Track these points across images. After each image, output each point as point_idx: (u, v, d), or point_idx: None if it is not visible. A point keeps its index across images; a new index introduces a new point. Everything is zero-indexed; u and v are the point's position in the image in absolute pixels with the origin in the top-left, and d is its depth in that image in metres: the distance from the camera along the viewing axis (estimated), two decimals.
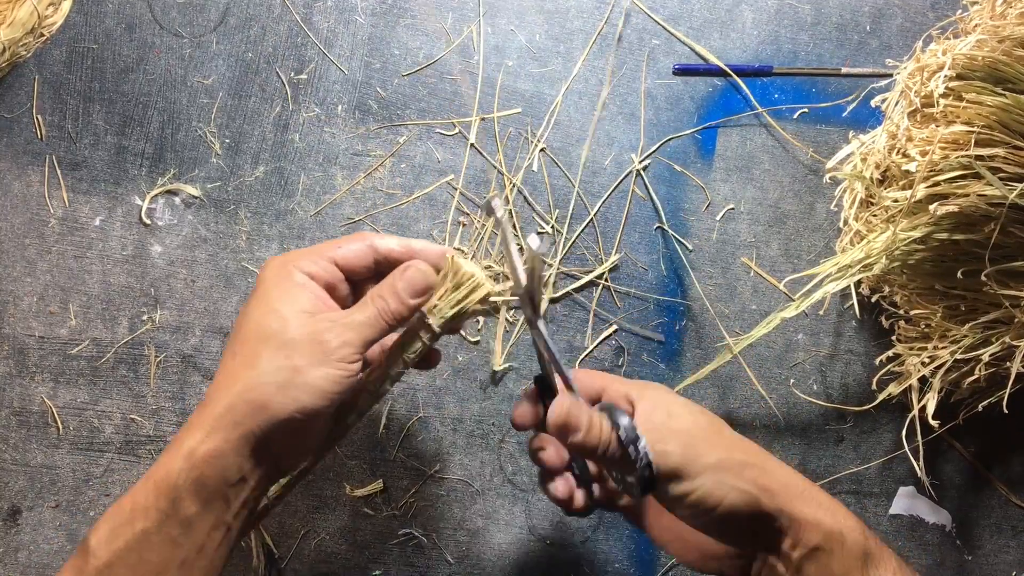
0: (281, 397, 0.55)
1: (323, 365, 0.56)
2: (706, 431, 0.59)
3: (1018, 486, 0.83)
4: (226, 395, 0.56)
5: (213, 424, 0.55)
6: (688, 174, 0.82)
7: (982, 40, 0.69)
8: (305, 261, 0.60)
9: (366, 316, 0.59)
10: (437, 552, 0.79)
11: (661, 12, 0.82)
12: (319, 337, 0.57)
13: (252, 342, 0.57)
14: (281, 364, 0.56)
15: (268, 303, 0.58)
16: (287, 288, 0.59)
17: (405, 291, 0.60)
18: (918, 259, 0.71)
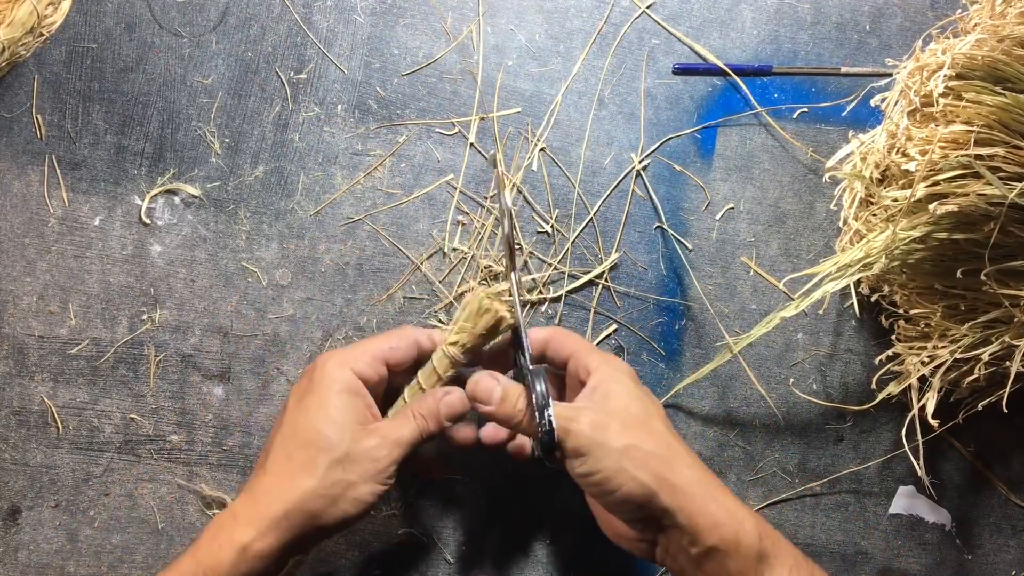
0: (332, 509, 0.61)
1: (371, 481, 0.61)
2: (630, 417, 0.62)
3: (1018, 485, 0.83)
4: (284, 498, 0.60)
5: (269, 525, 0.60)
6: (688, 174, 0.82)
7: (982, 39, 0.69)
8: (362, 364, 0.64)
9: (410, 434, 0.63)
10: (437, 552, 0.79)
11: (661, 11, 0.82)
12: (372, 454, 0.61)
13: (312, 449, 0.61)
14: (338, 478, 0.61)
15: (327, 410, 0.62)
16: (347, 397, 0.63)
17: (446, 415, 0.65)
18: (918, 258, 0.71)
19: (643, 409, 0.64)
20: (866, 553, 0.82)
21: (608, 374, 0.65)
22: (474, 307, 0.64)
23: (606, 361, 0.66)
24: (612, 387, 0.64)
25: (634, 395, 0.64)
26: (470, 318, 0.65)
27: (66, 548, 0.76)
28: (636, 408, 0.63)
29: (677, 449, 0.62)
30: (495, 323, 0.64)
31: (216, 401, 0.77)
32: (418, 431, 0.64)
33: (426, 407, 0.65)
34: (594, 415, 0.62)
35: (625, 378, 0.65)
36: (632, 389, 0.64)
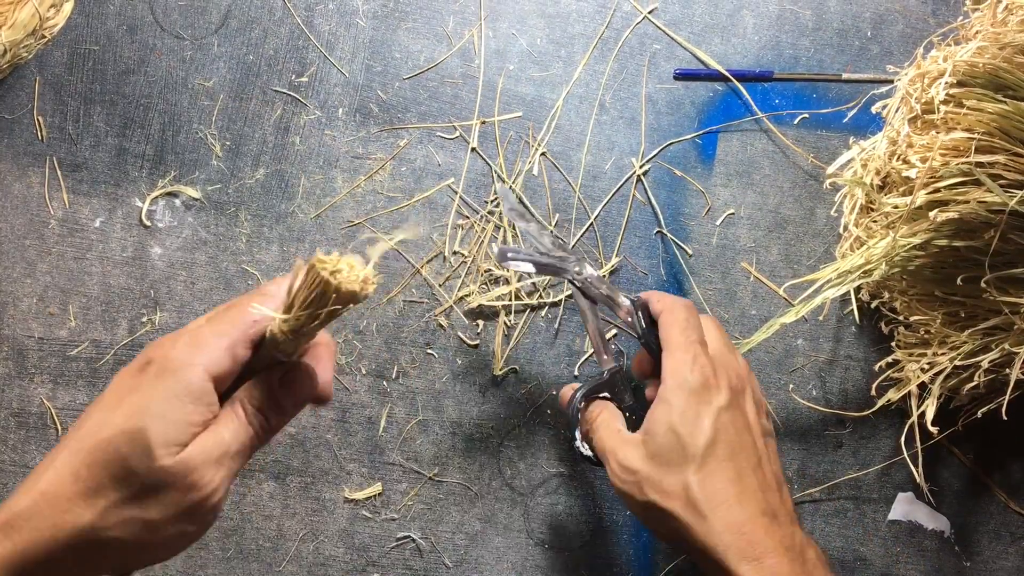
0: (121, 558, 0.45)
1: (184, 522, 0.45)
2: (662, 460, 0.57)
3: (1017, 492, 0.83)
4: (51, 533, 0.44)
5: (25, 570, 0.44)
6: (688, 179, 0.82)
7: (983, 47, 0.69)
8: (218, 355, 0.46)
9: (240, 441, 0.47)
10: (435, 556, 0.79)
11: (662, 17, 0.82)
12: (186, 482, 0.44)
13: (103, 474, 0.44)
14: (131, 516, 0.44)
15: (146, 421, 0.44)
16: (181, 406, 0.45)
17: (292, 406, 0.49)
18: (918, 265, 0.71)
19: (676, 450, 0.56)
20: (865, 559, 0.82)
21: (663, 394, 0.59)
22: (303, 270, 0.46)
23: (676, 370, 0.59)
24: (659, 414, 0.58)
25: (672, 429, 0.57)
26: (300, 288, 0.46)
27: None
28: (668, 448, 0.57)
29: (693, 503, 0.56)
30: (334, 299, 0.44)
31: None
32: (250, 433, 0.47)
33: (259, 398, 0.48)
34: (625, 455, 0.59)
35: (675, 404, 0.58)
36: (673, 420, 0.57)
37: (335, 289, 0.44)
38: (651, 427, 0.58)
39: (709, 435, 0.57)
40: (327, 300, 0.44)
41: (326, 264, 0.44)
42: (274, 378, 0.48)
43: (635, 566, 0.81)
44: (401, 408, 0.79)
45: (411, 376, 0.79)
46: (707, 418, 0.57)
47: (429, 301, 0.79)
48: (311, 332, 0.47)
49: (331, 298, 0.44)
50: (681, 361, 0.59)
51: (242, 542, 0.77)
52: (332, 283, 0.44)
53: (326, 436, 0.78)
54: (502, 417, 0.80)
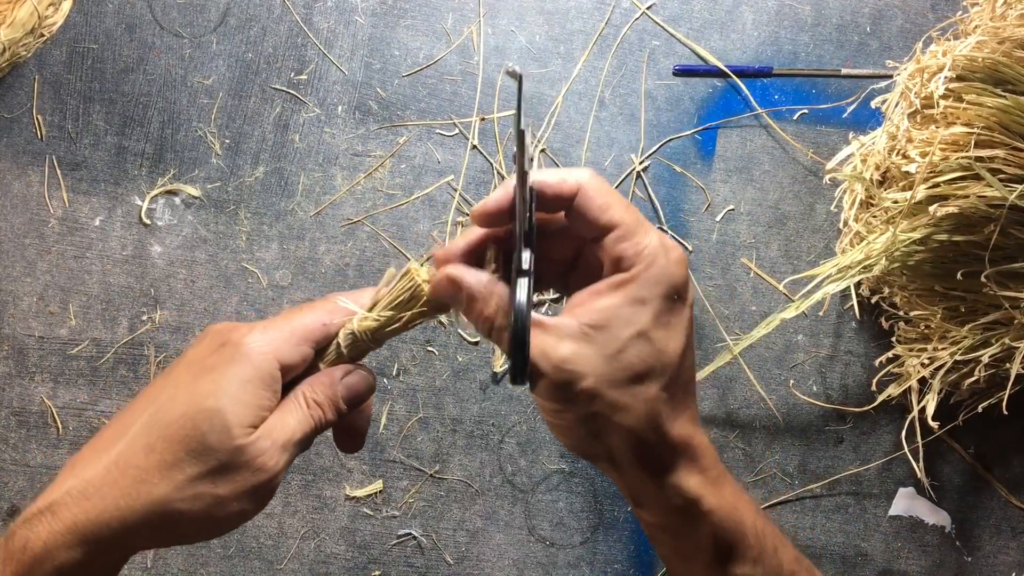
0: (186, 531, 0.47)
1: (247, 500, 0.47)
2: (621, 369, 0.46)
3: (1018, 487, 0.83)
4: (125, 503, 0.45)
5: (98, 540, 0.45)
6: (688, 175, 0.82)
7: (982, 41, 0.69)
8: (289, 347, 0.49)
9: (303, 429, 0.49)
10: (436, 553, 0.79)
11: (661, 13, 0.82)
12: (256, 464, 0.46)
13: (182, 449, 0.46)
14: (204, 491, 0.46)
15: (224, 402, 0.46)
16: (255, 390, 0.47)
17: (346, 401, 0.51)
18: (918, 260, 0.71)
19: (643, 360, 0.46)
20: (866, 555, 0.82)
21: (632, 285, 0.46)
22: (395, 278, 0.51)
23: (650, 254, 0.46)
24: (623, 310, 0.46)
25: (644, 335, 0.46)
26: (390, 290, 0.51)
27: None
28: (635, 356, 0.46)
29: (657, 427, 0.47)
30: (421, 303, 0.50)
31: None
32: (311, 423, 0.49)
33: (322, 391, 0.50)
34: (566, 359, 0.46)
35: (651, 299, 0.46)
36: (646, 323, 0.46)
37: (425, 295, 0.49)
38: (609, 322, 0.46)
39: (681, 344, 0.47)
40: (414, 304, 0.50)
41: (418, 273, 0.49)
42: (336, 375, 0.51)
43: (636, 562, 0.81)
44: (402, 405, 0.79)
45: (412, 373, 0.79)
46: (681, 324, 0.47)
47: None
48: (385, 336, 0.51)
49: (418, 302, 0.50)
50: (655, 252, 0.46)
51: (243, 540, 0.77)
52: (424, 288, 0.49)
53: (327, 434, 0.78)
54: (503, 414, 0.80)
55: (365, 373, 0.52)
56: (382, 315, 0.51)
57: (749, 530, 0.50)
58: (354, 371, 0.51)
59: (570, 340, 0.46)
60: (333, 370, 0.51)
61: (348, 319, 0.51)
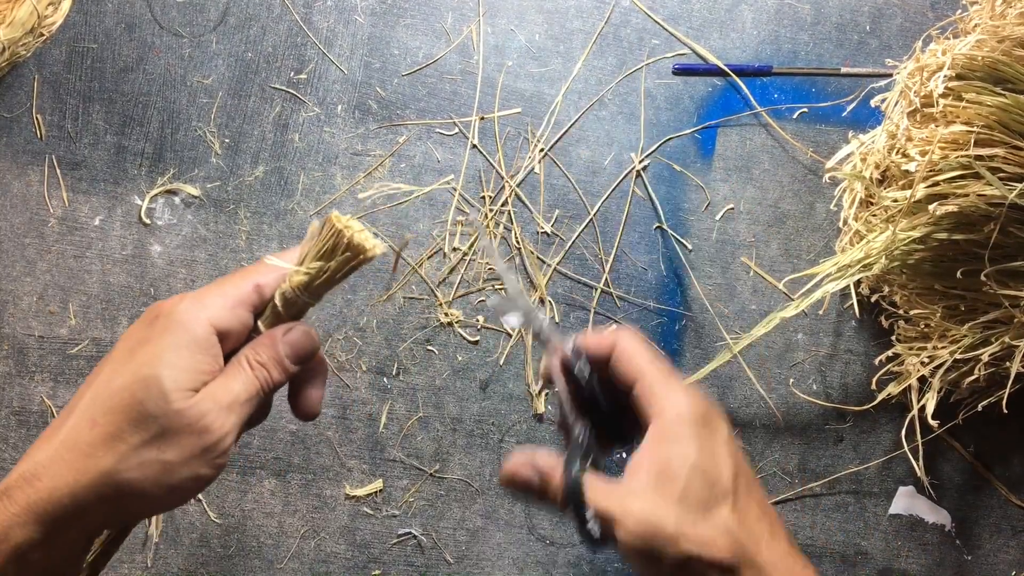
0: (140, 501, 0.47)
1: (197, 463, 0.48)
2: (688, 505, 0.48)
3: (1017, 486, 0.83)
4: (74, 477, 0.46)
5: (53, 518, 0.46)
6: (688, 174, 0.82)
7: (982, 40, 0.69)
8: (224, 312, 0.49)
9: (248, 391, 0.49)
10: (436, 552, 0.79)
11: (661, 12, 0.82)
12: (198, 425, 0.47)
13: (121, 418, 0.46)
14: (150, 458, 0.46)
15: (158, 369, 0.47)
16: (190, 355, 0.48)
17: (291, 358, 0.51)
18: (918, 259, 0.71)
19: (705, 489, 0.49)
20: (866, 553, 0.82)
21: (667, 430, 0.50)
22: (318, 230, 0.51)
23: (668, 396, 0.50)
24: (672, 453, 0.49)
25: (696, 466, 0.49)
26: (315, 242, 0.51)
27: None
28: (698, 487, 0.48)
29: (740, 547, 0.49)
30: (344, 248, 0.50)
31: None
32: (256, 384, 0.50)
33: (264, 351, 0.50)
34: (642, 507, 0.48)
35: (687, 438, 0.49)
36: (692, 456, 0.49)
37: (347, 240, 0.49)
38: (665, 468, 0.49)
39: (731, 467, 0.50)
40: (338, 251, 0.50)
41: (340, 219, 0.49)
42: (277, 334, 0.51)
43: None
44: (401, 405, 0.79)
45: (411, 373, 0.79)
46: (722, 449, 0.50)
47: (429, 298, 0.79)
48: (319, 290, 0.51)
49: (342, 248, 0.49)
50: (673, 392, 0.51)
51: (243, 539, 0.77)
52: (345, 234, 0.49)
53: (327, 433, 0.78)
54: (503, 413, 0.80)
55: (305, 328, 0.52)
56: (311, 267, 0.50)
57: None
58: (294, 328, 0.51)
59: (642, 495, 0.48)
60: (274, 330, 0.51)
61: (282, 280, 0.51)
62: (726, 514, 0.49)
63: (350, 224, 0.49)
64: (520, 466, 0.51)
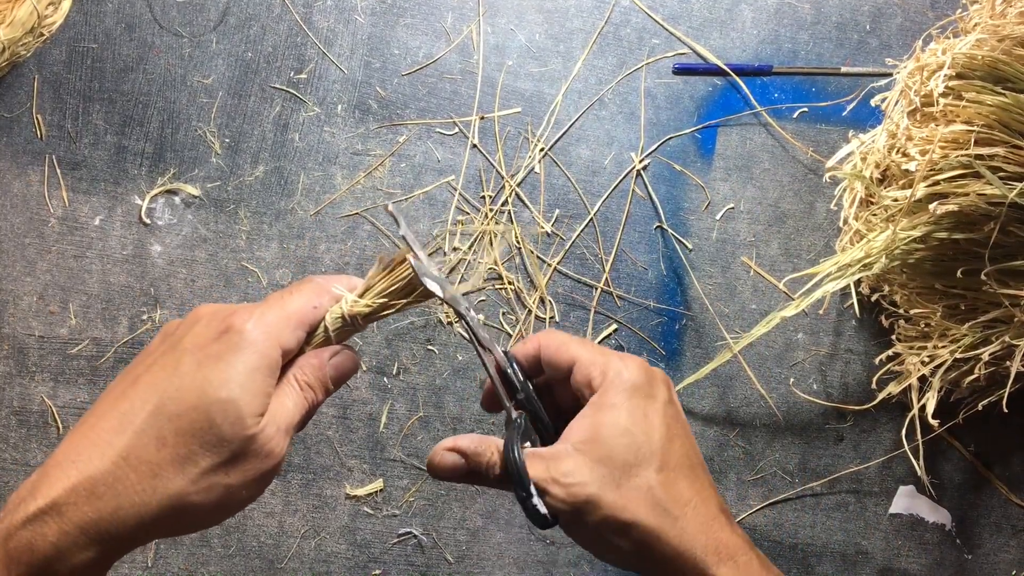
0: (202, 517, 0.47)
1: (256, 486, 0.48)
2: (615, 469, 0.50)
3: (1018, 485, 0.83)
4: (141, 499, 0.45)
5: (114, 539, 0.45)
6: (688, 173, 0.82)
7: (982, 39, 0.69)
8: (287, 333, 0.49)
9: (300, 411, 0.49)
10: (437, 551, 0.79)
11: (661, 11, 0.82)
12: (264, 450, 0.47)
13: (196, 442, 0.45)
14: (216, 482, 0.46)
15: (235, 392, 0.46)
16: (262, 379, 0.47)
17: (334, 380, 0.51)
18: (918, 258, 0.71)
19: (633, 449, 0.50)
20: (866, 553, 0.82)
21: (603, 399, 0.51)
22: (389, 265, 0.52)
23: (606, 369, 0.52)
24: (603, 419, 0.51)
25: (625, 430, 0.50)
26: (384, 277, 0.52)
27: None
28: (623, 449, 0.50)
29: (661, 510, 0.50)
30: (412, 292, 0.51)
31: None
32: (306, 404, 0.50)
33: (312, 372, 0.50)
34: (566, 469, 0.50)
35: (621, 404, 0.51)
36: (623, 421, 0.51)
37: (417, 285, 0.50)
38: (594, 433, 0.51)
39: (662, 431, 0.51)
40: (408, 293, 0.51)
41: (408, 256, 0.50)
42: (324, 356, 0.51)
43: None
44: (402, 404, 0.79)
45: (412, 372, 0.79)
46: (656, 415, 0.52)
47: None
48: (373, 320, 0.52)
49: (411, 291, 0.51)
50: (610, 363, 0.52)
51: (244, 539, 0.77)
52: (418, 279, 0.50)
53: (327, 433, 0.78)
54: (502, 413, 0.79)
55: (351, 353, 0.52)
56: (374, 302, 0.51)
57: None
58: (341, 351, 0.52)
59: (566, 459, 0.50)
60: (321, 351, 0.51)
61: (334, 301, 0.52)
62: (650, 476, 0.50)
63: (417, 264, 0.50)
64: (442, 454, 0.53)
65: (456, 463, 0.53)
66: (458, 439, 0.53)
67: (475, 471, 0.53)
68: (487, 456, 0.52)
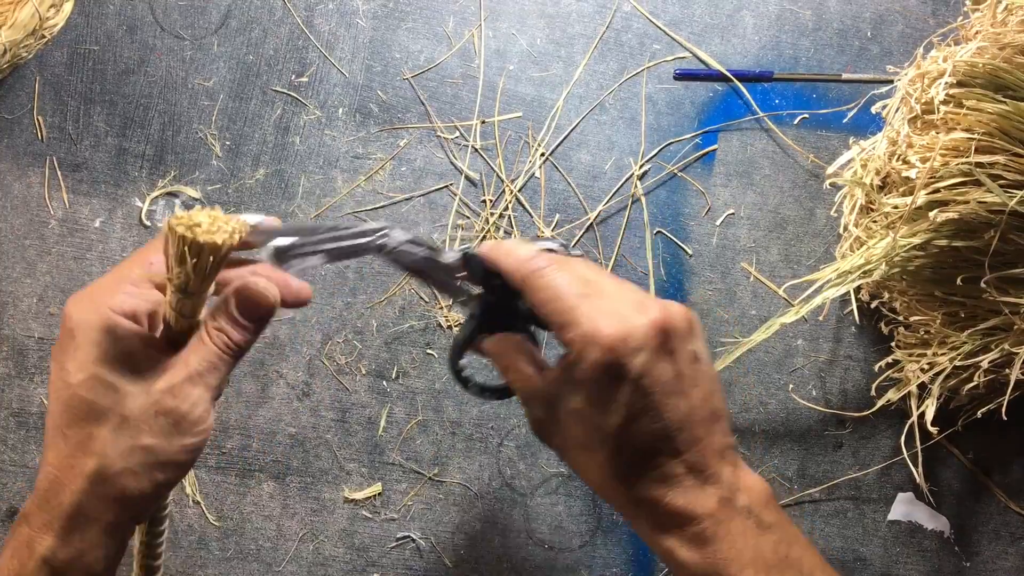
0: (137, 483, 0.49)
1: (177, 437, 0.49)
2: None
3: (1017, 493, 0.83)
4: (70, 489, 0.48)
5: (64, 525, 0.48)
6: (688, 179, 0.82)
7: (983, 47, 0.69)
8: (120, 296, 0.50)
9: (208, 360, 0.50)
10: (435, 556, 0.79)
11: (662, 17, 0.82)
12: (163, 406, 0.49)
13: (83, 422, 0.48)
14: (128, 446, 0.48)
15: (88, 368, 0.48)
16: (107, 343, 0.49)
17: (246, 315, 0.51)
18: (918, 265, 0.71)
19: (585, 431, 0.51)
20: (865, 560, 0.82)
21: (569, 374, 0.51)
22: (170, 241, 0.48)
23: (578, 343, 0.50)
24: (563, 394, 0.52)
25: (578, 410, 0.51)
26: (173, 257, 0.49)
27: None
28: (575, 427, 0.51)
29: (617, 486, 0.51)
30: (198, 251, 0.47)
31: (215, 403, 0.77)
32: (215, 350, 0.50)
33: (219, 315, 0.51)
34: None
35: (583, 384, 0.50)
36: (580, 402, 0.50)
37: (193, 242, 0.47)
38: (553, 397, 0.52)
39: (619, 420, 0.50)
40: (193, 253, 0.47)
41: (182, 220, 0.47)
42: (228, 295, 0.52)
43: (635, 566, 0.81)
44: (401, 408, 0.79)
45: (411, 376, 0.79)
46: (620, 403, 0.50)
47: (429, 301, 0.79)
48: (203, 286, 0.50)
49: (195, 251, 0.47)
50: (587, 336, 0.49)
51: (242, 542, 0.77)
52: (188, 237, 0.47)
53: (326, 436, 0.78)
54: (502, 417, 0.80)
55: (253, 284, 0.52)
56: (173, 275, 0.49)
57: None
58: (245, 285, 0.52)
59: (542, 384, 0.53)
60: (227, 291, 0.52)
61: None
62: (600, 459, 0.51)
63: (196, 221, 0.47)
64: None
65: None
66: None
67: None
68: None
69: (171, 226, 0.47)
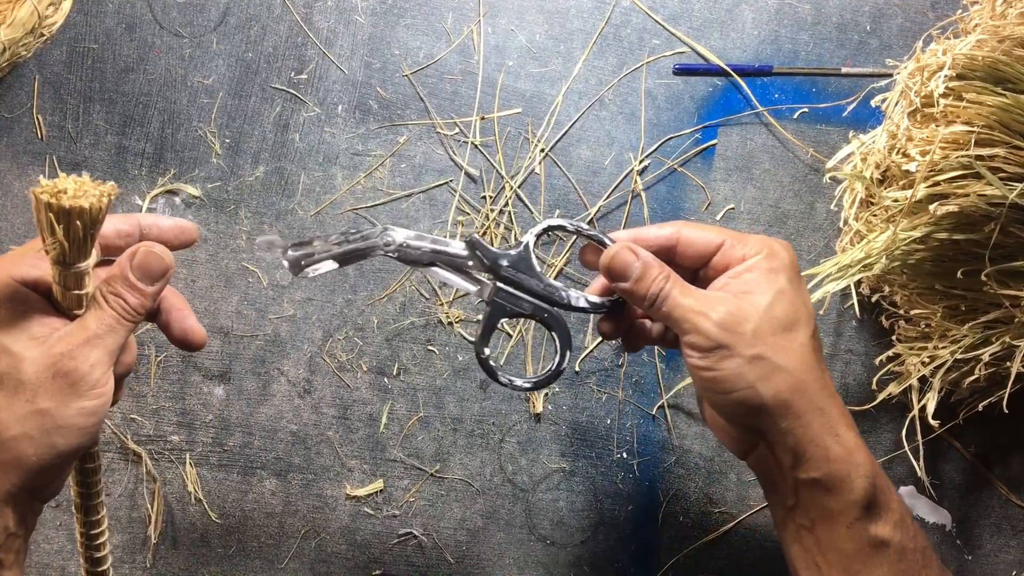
0: (34, 448, 0.49)
1: (75, 399, 0.50)
2: (772, 320, 0.55)
3: (1018, 486, 0.83)
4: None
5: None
6: (688, 174, 0.82)
7: (982, 40, 0.69)
8: (24, 267, 0.52)
9: (105, 323, 0.51)
10: (437, 552, 0.79)
11: (661, 12, 0.82)
12: (61, 368, 0.49)
13: None
14: (24, 411, 0.49)
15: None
16: (5, 311, 0.50)
17: (142, 279, 0.53)
18: (918, 259, 0.71)
19: (790, 313, 0.55)
20: None
21: (761, 263, 0.57)
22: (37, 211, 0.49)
23: (763, 245, 0.57)
24: (761, 279, 0.56)
25: (785, 294, 0.56)
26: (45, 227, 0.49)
27: (67, 548, 0.76)
28: (782, 311, 0.55)
29: (812, 369, 0.55)
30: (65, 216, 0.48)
31: (216, 401, 0.77)
32: (113, 313, 0.51)
33: (115, 280, 0.52)
34: (727, 311, 0.54)
35: (781, 271, 0.57)
36: (784, 286, 0.56)
37: (60, 209, 0.47)
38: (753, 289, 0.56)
39: (811, 307, 0.58)
40: (63, 220, 0.48)
41: (46, 188, 0.47)
42: (123, 260, 0.53)
43: (636, 561, 0.81)
44: (402, 405, 0.79)
45: (412, 373, 0.79)
46: (806, 293, 0.58)
47: (429, 297, 0.79)
48: (80, 255, 0.50)
49: (63, 217, 0.47)
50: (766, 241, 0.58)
51: (244, 539, 0.77)
52: (54, 204, 0.47)
53: (327, 433, 0.78)
54: (503, 413, 0.80)
55: (147, 248, 0.53)
56: (48, 246, 0.49)
57: (895, 495, 0.57)
58: (139, 249, 0.53)
59: (725, 303, 0.55)
60: (122, 257, 0.53)
61: None
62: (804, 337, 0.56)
63: (62, 187, 0.47)
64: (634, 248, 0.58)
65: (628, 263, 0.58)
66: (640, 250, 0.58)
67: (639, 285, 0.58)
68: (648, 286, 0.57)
69: (35, 195, 0.47)
